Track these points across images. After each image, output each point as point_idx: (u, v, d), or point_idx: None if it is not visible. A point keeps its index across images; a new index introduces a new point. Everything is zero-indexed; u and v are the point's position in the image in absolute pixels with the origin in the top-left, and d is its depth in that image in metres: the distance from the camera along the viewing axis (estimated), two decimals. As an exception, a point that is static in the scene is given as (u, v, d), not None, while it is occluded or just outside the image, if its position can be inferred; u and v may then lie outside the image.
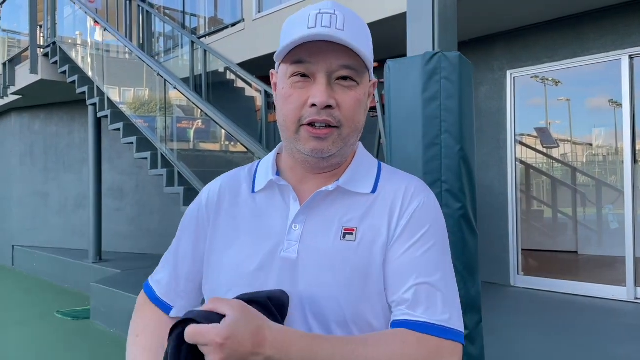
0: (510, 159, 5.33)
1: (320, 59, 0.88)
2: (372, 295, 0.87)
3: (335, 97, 0.88)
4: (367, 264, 0.87)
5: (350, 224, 0.90)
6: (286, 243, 0.90)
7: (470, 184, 2.29)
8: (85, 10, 7.11)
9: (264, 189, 0.97)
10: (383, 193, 0.94)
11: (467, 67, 2.31)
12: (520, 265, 5.27)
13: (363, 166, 0.98)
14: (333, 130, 0.89)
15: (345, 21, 0.89)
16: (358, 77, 0.90)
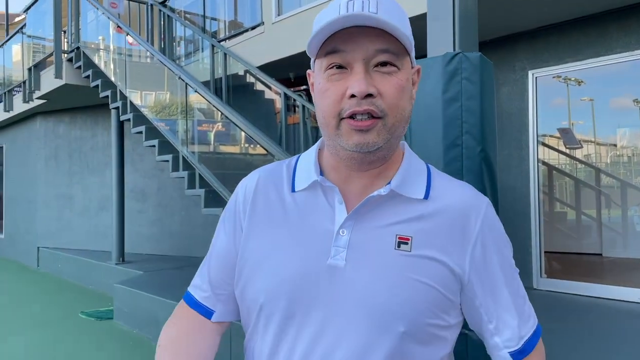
0: (532, 160, 5.26)
1: (355, 45, 0.81)
2: (433, 310, 0.83)
3: (375, 84, 0.81)
4: (424, 277, 0.82)
5: (405, 232, 0.85)
6: (333, 249, 0.84)
7: (492, 185, 2.27)
8: (108, 15, 7.23)
9: (306, 189, 0.90)
10: (438, 200, 0.88)
11: (489, 68, 2.29)
12: (543, 268, 5.19)
13: (412, 167, 0.91)
14: (376, 121, 0.82)
15: (378, 4, 0.81)
16: (398, 62, 0.83)
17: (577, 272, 5.47)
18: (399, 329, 0.80)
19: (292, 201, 0.91)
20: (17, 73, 10.16)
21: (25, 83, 9.05)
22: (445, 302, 0.84)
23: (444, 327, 0.85)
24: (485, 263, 0.86)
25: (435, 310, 0.83)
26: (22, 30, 9.72)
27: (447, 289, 0.84)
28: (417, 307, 0.81)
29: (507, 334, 0.88)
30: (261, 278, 0.87)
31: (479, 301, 0.87)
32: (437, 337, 0.85)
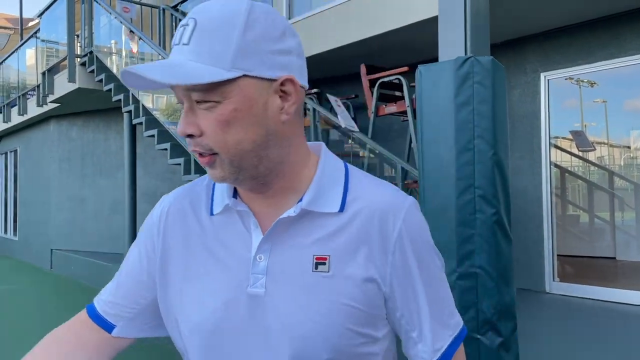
0: (544, 162, 5.23)
1: (174, 86, 0.74)
2: (358, 329, 0.78)
3: (198, 123, 0.74)
4: (345, 296, 0.77)
5: (322, 252, 0.79)
6: (252, 277, 0.79)
7: (504, 189, 2.27)
8: (121, 19, 7.30)
9: (222, 212, 0.84)
10: (355, 209, 0.81)
11: (500, 71, 2.29)
12: (555, 272, 5.16)
13: (327, 178, 0.83)
14: (214, 157, 0.75)
15: (196, 28, 0.72)
16: (215, 95, 0.72)
17: (590, 276, 5.42)
18: (322, 357, 0.76)
19: (210, 225, 0.85)
20: (31, 77, 10.29)
21: (39, 87, 9.16)
22: (371, 319, 0.80)
23: (372, 342, 0.81)
24: (404, 271, 0.80)
25: (360, 330, 0.79)
26: (36, 34, 9.85)
27: (371, 306, 0.79)
28: (340, 332, 0.77)
29: (423, 346, 0.84)
30: (184, 309, 0.83)
31: (400, 312, 0.82)
32: (366, 354, 0.81)
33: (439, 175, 2.28)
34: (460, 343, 0.87)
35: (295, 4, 6.59)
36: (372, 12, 5.34)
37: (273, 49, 0.74)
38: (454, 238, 2.20)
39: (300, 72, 0.79)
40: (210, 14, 0.73)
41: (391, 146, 6.14)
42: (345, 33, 5.63)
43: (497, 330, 2.18)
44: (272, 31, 0.75)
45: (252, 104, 0.73)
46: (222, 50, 0.71)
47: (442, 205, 2.24)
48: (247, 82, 0.73)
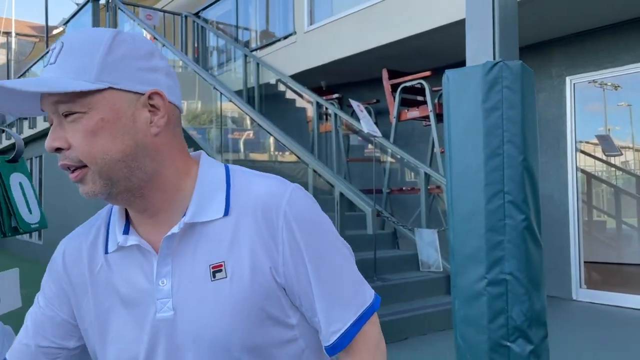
0: (570, 167, 5.15)
1: (43, 102, 0.77)
2: (264, 318, 0.80)
3: (66, 137, 0.75)
4: (247, 297, 0.79)
5: (217, 259, 0.80)
6: (158, 303, 0.80)
7: (533, 194, 2.24)
8: (144, 27, 7.41)
9: (117, 250, 0.84)
10: (240, 208, 0.81)
11: (529, 76, 2.26)
12: (582, 279, 5.07)
13: (207, 187, 0.83)
14: (83, 171, 0.76)
15: (62, 50, 0.76)
16: (80, 106, 0.74)
17: (617, 283, 5.31)
18: (234, 355, 0.79)
19: (107, 264, 0.85)
20: (57, 84, 10.49)
21: (64, 94, 9.33)
22: (278, 312, 0.81)
23: (287, 329, 0.83)
24: (295, 258, 0.81)
25: (269, 324, 0.81)
26: (61, 42, 10.03)
27: (275, 300, 0.81)
28: (250, 330, 0.79)
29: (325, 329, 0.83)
30: (102, 345, 0.85)
31: (299, 300, 0.83)
32: (285, 342, 0.83)
33: (467, 180, 2.25)
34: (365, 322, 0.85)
35: (316, 10, 6.62)
36: (393, 17, 5.34)
37: (139, 66, 0.78)
38: (483, 244, 2.18)
39: (170, 90, 0.82)
40: (77, 37, 0.77)
41: (413, 151, 6.11)
42: (366, 38, 5.63)
43: (528, 337, 2.15)
44: (139, 50, 0.78)
45: (119, 115, 0.76)
46: (86, 66, 0.74)
47: (470, 211, 2.22)
48: (113, 94, 0.75)
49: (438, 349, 3.51)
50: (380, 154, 5.61)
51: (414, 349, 3.56)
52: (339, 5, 6.31)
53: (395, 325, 3.64)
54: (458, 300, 2.27)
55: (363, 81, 6.94)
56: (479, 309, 2.19)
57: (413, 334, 3.78)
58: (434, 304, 4.08)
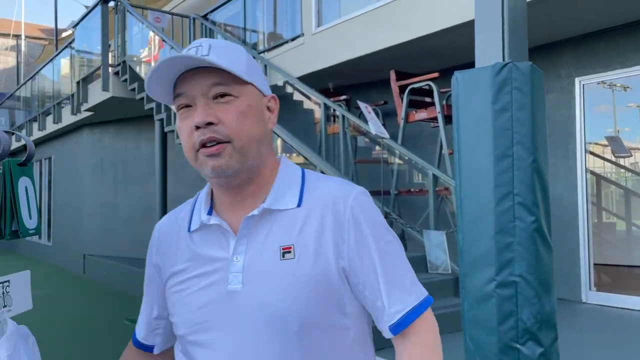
0: (580, 169, 5.12)
1: (193, 84, 0.91)
2: (324, 298, 0.91)
3: (216, 114, 0.90)
4: (310, 278, 0.91)
5: (287, 242, 0.92)
6: (230, 276, 0.93)
7: (543, 196, 2.23)
8: (153, 29, 7.45)
9: (200, 229, 1.00)
10: (311, 203, 0.95)
11: (539, 77, 2.25)
12: (592, 281, 5.03)
13: (285, 181, 0.99)
14: (225, 145, 0.90)
15: (210, 48, 0.92)
16: (235, 91, 0.92)
17: (628, 286, 5.27)
18: (292, 328, 0.89)
19: (191, 242, 1.00)
20: (65, 86, 10.57)
21: (73, 96, 9.40)
22: (334, 295, 0.92)
23: (341, 316, 0.93)
24: (360, 246, 0.93)
25: (326, 306, 0.91)
26: (70, 45, 10.11)
27: (333, 284, 0.91)
28: (305, 307, 0.90)
29: (386, 311, 0.94)
30: (177, 313, 0.99)
31: (362, 284, 0.93)
32: (337, 327, 0.93)
33: (476, 182, 2.25)
34: (425, 310, 0.97)
35: (324, 12, 6.62)
36: (401, 18, 5.33)
37: (263, 77, 1.00)
38: (492, 246, 2.17)
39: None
40: (218, 41, 0.96)
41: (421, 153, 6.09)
42: (374, 40, 5.63)
43: (538, 340, 2.14)
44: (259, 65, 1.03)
45: (258, 106, 0.96)
46: (238, 63, 0.93)
47: (480, 212, 2.21)
48: (253, 90, 0.95)
49: (447, 351, 3.49)
50: (388, 155, 5.60)
51: (422, 351, 3.54)
52: (347, 7, 6.31)
53: (404, 327, 3.63)
54: (467, 302, 2.26)
55: (371, 83, 6.94)
56: (489, 311, 2.18)
57: (421, 336, 3.76)
58: (443, 305, 4.06)
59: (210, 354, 0.94)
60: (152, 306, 1.11)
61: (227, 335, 0.93)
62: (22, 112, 14.48)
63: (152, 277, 1.09)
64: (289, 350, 0.90)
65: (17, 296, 1.25)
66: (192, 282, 0.97)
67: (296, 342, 0.90)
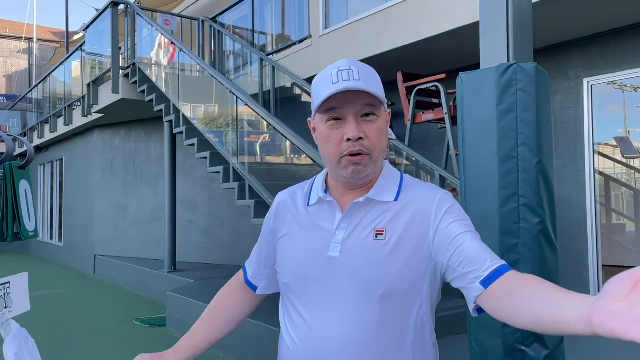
0: (588, 170, 5.09)
1: (348, 104, 1.13)
2: (404, 278, 1.14)
3: (363, 130, 1.14)
4: (396, 255, 1.14)
5: (381, 227, 1.17)
6: (332, 245, 1.18)
7: (549, 198, 2.22)
8: (162, 32, 7.50)
9: (316, 203, 1.25)
10: (406, 200, 1.19)
11: (544, 78, 2.25)
12: (601, 283, 4.99)
13: (388, 180, 1.23)
14: (366, 156, 1.15)
15: (359, 72, 1.13)
16: (377, 112, 1.16)
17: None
18: (378, 293, 1.12)
19: (306, 212, 1.26)
20: (76, 88, 10.67)
21: (84, 98, 9.48)
22: (413, 273, 1.15)
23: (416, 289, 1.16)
24: (446, 229, 1.13)
25: (406, 279, 1.14)
26: (81, 47, 10.21)
27: (413, 263, 1.14)
28: (390, 276, 1.13)
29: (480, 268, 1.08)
30: (284, 264, 1.25)
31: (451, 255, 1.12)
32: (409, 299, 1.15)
33: (481, 183, 2.25)
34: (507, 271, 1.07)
35: (332, 13, 6.64)
36: (408, 20, 5.34)
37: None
38: (497, 247, 2.17)
39: None
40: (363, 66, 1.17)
41: (428, 154, 6.08)
42: (381, 41, 5.63)
43: (543, 342, 2.13)
44: None
45: (385, 123, 1.20)
46: (379, 86, 1.17)
47: (484, 214, 2.21)
48: (384, 109, 1.19)
49: (452, 353, 3.49)
50: (395, 156, 5.60)
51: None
52: (354, 9, 6.33)
53: (410, 328, 3.63)
54: (472, 304, 2.26)
55: (378, 84, 6.94)
56: (494, 312, 2.18)
57: (428, 338, 3.76)
58: (448, 307, 4.05)
59: (306, 303, 1.19)
60: (261, 257, 1.37)
61: (321, 290, 1.17)
62: (34, 114, 14.63)
63: (266, 235, 1.35)
64: (370, 310, 1.13)
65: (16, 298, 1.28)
66: (302, 243, 1.23)
67: (378, 306, 1.13)
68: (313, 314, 1.18)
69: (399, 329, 1.14)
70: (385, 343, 1.13)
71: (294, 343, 1.20)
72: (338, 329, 1.13)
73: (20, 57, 22.62)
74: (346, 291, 1.14)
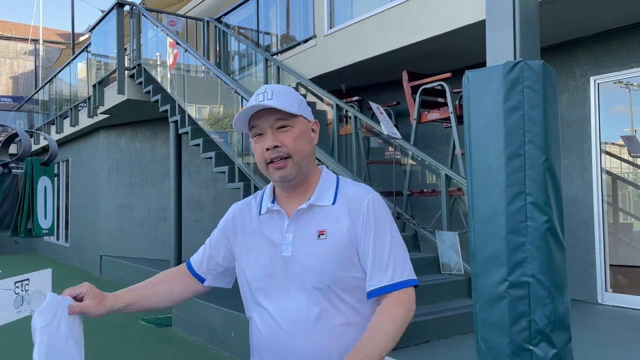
0: (595, 169, 5.06)
1: (263, 120, 1.36)
2: (343, 266, 1.35)
3: (279, 139, 1.35)
4: (336, 250, 1.36)
5: (322, 227, 1.38)
6: (284, 247, 1.39)
7: (556, 196, 2.20)
8: (167, 32, 7.52)
9: (266, 212, 1.46)
10: (340, 201, 1.41)
11: (551, 76, 2.23)
12: (608, 282, 4.96)
13: (325, 186, 1.44)
14: (287, 160, 1.35)
15: (273, 93, 1.36)
16: (291, 122, 1.37)
17: (645, 287, 5.19)
18: (325, 282, 1.34)
19: (258, 221, 1.47)
20: (82, 89, 10.71)
21: (90, 99, 9.51)
22: (353, 262, 1.37)
23: (358, 278, 1.38)
24: (365, 232, 1.37)
25: (346, 267, 1.36)
26: (87, 49, 10.24)
27: (351, 254, 1.37)
28: (333, 268, 1.34)
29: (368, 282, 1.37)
30: (248, 267, 1.44)
31: (362, 255, 1.37)
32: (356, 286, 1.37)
33: (488, 182, 2.23)
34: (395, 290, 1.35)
35: (337, 13, 6.63)
36: (413, 19, 5.32)
37: (308, 108, 1.45)
38: (504, 246, 2.15)
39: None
40: (278, 87, 1.40)
41: (434, 153, 6.06)
42: (386, 40, 5.62)
43: (551, 341, 2.11)
44: (304, 99, 1.46)
45: (306, 130, 1.42)
46: (292, 103, 1.38)
47: (491, 212, 2.20)
48: (302, 120, 1.41)
49: (459, 352, 3.48)
50: (400, 156, 5.59)
51: (435, 351, 3.53)
52: (359, 8, 6.32)
53: (417, 327, 3.62)
54: (479, 303, 2.24)
55: (383, 83, 6.93)
56: (501, 311, 2.16)
57: (434, 337, 3.75)
58: (456, 306, 4.04)
59: (270, 297, 1.39)
60: (210, 256, 1.54)
61: (281, 285, 1.37)
62: (40, 115, 14.70)
63: (216, 237, 1.54)
64: (321, 296, 1.34)
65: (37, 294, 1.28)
66: (259, 248, 1.42)
67: (326, 292, 1.34)
68: (276, 304, 1.38)
69: (343, 310, 1.36)
70: (334, 323, 1.35)
71: (262, 329, 1.40)
72: (295, 314, 1.35)
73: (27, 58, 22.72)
74: (300, 283, 1.36)
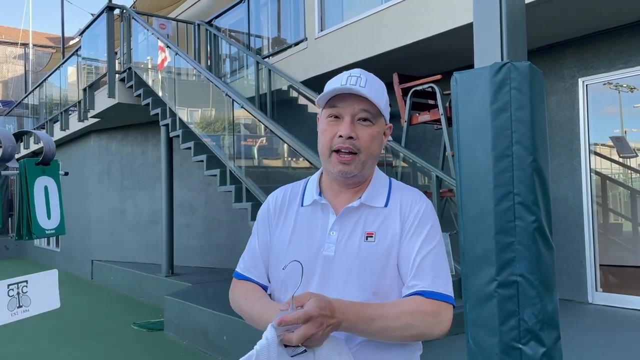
0: (584, 170, 5.10)
1: (347, 104, 1.26)
2: (387, 276, 1.25)
3: (356, 131, 1.25)
4: (383, 257, 1.25)
5: (371, 229, 1.28)
6: (326, 245, 1.28)
7: (544, 195, 2.22)
8: (158, 36, 7.51)
9: (310, 204, 1.35)
10: (393, 205, 1.31)
11: (538, 77, 2.26)
12: (598, 282, 5.00)
13: (378, 186, 1.34)
14: (354, 157, 1.26)
15: (367, 82, 1.26)
16: (374, 119, 1.27)
17: (634, 286, 5.24)
18: (369, 289, 1.23)
19: (301, 213, 1.35)
20: (72, 93, 10.65)
21: (80, 103, 9.47)
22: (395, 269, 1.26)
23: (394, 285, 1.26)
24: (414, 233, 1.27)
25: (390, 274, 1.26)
26: (77, 52, 10.20)
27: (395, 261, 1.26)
28: (376, 273, 1.24)
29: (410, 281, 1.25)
30: (281, 262, 1.29)
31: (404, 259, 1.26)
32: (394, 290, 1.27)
33: (476, 182, 2.25)
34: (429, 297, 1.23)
35: (327, 16, 6.65)
36: (403, 21, 5.35)
37: (389, 109, 1.35)
38: (493, 246, 2.17)
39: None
40: (372, 77, 1.30)
41: (425, 155, 6.09)
42: (376, 43, 5.65)
43: (540, 340, 2.13)
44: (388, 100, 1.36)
45: (382, 132, 1.32)
46: (382, 98, 1.29)
47: (480, 212, 2.22)
48: (383, 120, 1.32)
49: (450, 352, 3.49)
50: (392, 158, 5.61)
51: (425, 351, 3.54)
52: (349, 11, 6.34)
53: (408, 329, 3.63)
54: (469, 303, 2.26)
55: (374, 86, 6.94)
56: (490, 311, 2.17)
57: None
58: (447, 307, 4.05)
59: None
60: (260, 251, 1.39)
61: (317, 284, 1.25)
62: (30, 119, 14.60)
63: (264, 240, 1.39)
64: (357, 299, 1.20)
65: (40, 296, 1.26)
66: (298, 242, 1.31)
67: (362, 296, 1.22)
68: None
69: None
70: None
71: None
72: None
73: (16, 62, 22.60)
74: (338, 285, 1.24)
